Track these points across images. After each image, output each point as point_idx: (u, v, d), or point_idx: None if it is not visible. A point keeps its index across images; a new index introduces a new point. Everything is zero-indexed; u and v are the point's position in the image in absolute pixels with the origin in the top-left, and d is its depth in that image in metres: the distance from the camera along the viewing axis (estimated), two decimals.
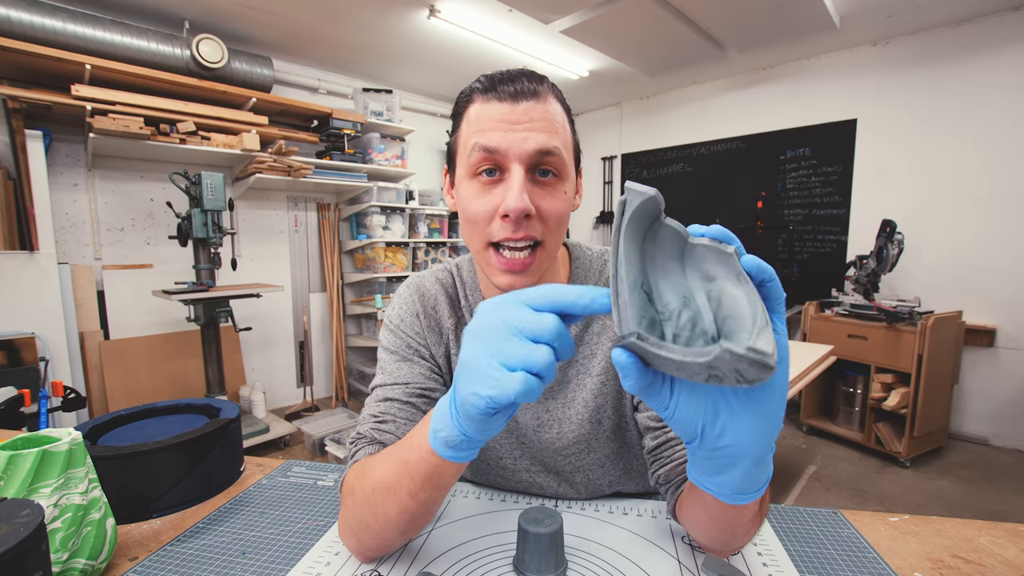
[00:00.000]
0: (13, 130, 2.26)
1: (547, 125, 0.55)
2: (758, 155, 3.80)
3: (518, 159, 0.54)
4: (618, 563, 0.56)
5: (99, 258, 2.77)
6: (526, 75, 0.56)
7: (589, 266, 0.71)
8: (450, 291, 0.71)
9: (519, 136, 0.54)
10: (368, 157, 3.54)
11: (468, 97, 0.59)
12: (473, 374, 0.38)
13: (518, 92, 0.55)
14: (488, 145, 0.54)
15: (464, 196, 0.58)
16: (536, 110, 0.55)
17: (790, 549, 0.59)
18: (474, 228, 0.57)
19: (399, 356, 0.67)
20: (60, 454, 0.51)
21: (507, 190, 0.54)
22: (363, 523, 0.53)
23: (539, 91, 0.56)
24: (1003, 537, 0.61)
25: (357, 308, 3.73)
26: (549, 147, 0.54)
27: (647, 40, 3.09)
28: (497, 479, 0.74)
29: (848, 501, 2.29)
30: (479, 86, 0.58)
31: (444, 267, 0.74)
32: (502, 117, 0.54)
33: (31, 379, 2.03)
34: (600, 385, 0.67)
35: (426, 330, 0.68)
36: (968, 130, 2.87)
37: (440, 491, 0.49)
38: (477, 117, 0.56)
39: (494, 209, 0.55)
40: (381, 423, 0.61)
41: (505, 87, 0.55)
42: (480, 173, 0.56)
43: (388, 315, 0.71)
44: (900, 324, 2.63)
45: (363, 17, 2.81)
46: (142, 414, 0.85)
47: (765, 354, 0.29)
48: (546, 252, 0.58)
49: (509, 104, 0.55)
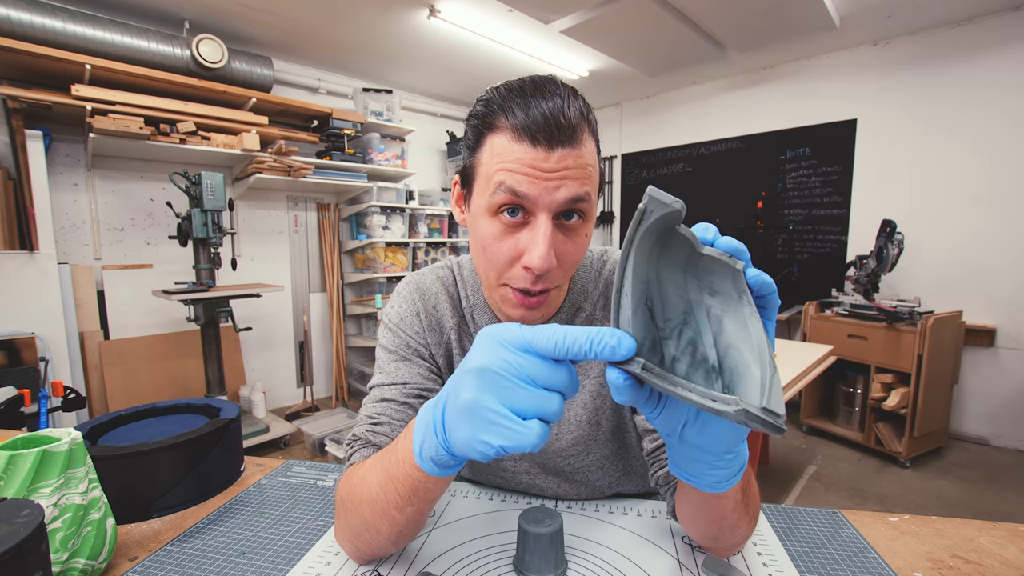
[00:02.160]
0: (13, 130, 2.25)
1: (581, 172, 0.51)
2: (758, 155, 3.80)
3: (547, 209, 0.50)
4: (618, 563, 0.56)
5: (99, 258, 2.77)
6: (564, 115, 0.49)
7: (589, 268, 0.70)
8: (451, 290, 0.70)
9: (551, 185, 0.49)
10: (368, 157, 3.54)
11: (492, 119, 0.52)
12: (480, 421, 0.35)
13: (553, 139, 0.49)
14: (517, 190, 0.50)
15: (484, 233, 0.54)
16: (571, 157, 0.50)
17: (790, 549, 0.59)
18: (491, 266, 0.55)
19: (397, 356, 0.66)
20: (60, 454, 0.51)
21: (532, 242, 0.51)
22: (356, 532, 0.53)
23: (576, 135, 0.50)
24: (1003, 537, 0.61)
25: (357, 308, 3.73)
26: (581, 194, 0.51)
27: (647, 40, 3.09)
28: (496, 479, 0.74)
29: (848, 501, 2.29)
30: (507, 114, 0.51)
31: (445, 265, 0.73)
32: (534, 163, 0.49)
33: (31, 379, 2.03)
34: (598, 387, 0.68)
35: (426, 329, 0.67)
36: (968, 130, 2.87)
37: (428, 503, 0.48)
38: (503, 153, 0.51)
39: (516, 256, 0.53)
40: (377, 424, 0.60)
41: (540, 130, 0.49)
42: (502, 212, 0.52)
43: (387, 314, 0.69)
44: (900, 324, 2.63)
45: (363, 17, 2.81)
46: (142, 414, 0.85)
47: (778, 417, 0.29)
48: (559, 292, 0.59)
49: (543, 151, 0.49)
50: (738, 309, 0.33)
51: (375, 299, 3.44)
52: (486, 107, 0.53)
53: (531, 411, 0.34)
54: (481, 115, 0.54)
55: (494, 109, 0.52)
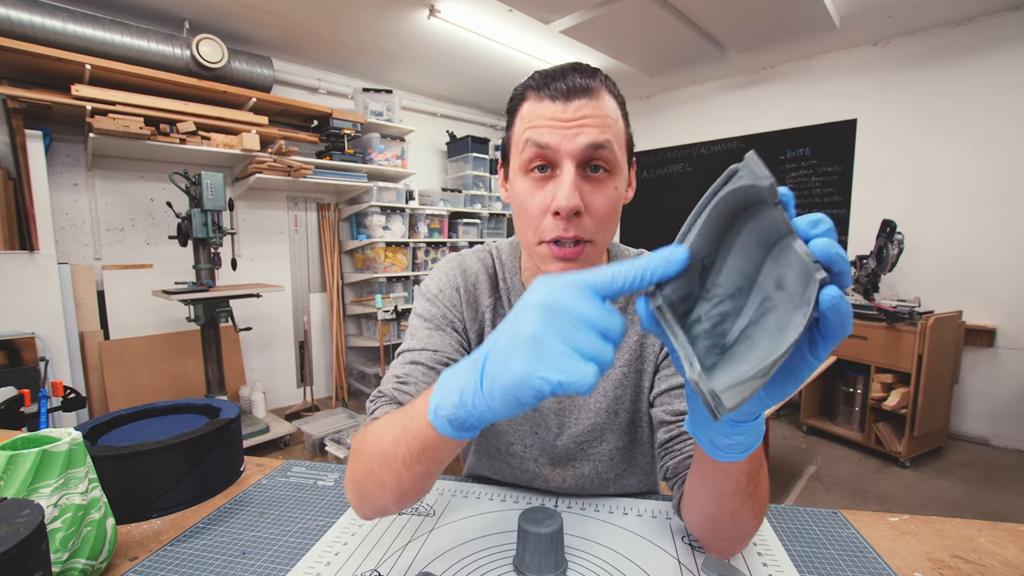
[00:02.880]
0: (13, 130, 2.25)
1: (599, 121, 0.55)
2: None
3: (569, 156, 0.55)
4: (618, 563, 0.56)
5: (99, 258, 2.77)
6: (579, 70, 0.57)
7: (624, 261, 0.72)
8: (491, 272, 0.73)
9: (571, 133, 0.54)
10: (368, 157, 3.54)
11: (521, 95, 0.60)
12: (542, 355, 0.33)
13: (570, 90, 0.55)
14: (540, 141, 0.55)
15: (518, 192, 0.59)
16: (588, 107, 0.55)
17: (790, 549, 0.59)
18: (528, 223, 0.59)
19: (433, 325, 0.68)
20: (60, 454, 0.51)
21: (558, 187, 0.55)
22: (362, 483, 0.53)
23: (591, 87, 0.56)
24: (1003, 537, 0.61)
25: (357, 308, 3.73)
26: (600, 141, 0.55)
27: (647, 40, 3.09)
28: (503, 466, 0.75)
29: (848, 501, 2.29)
30: (532, 83, 0.58)
31: (485, 248, 0.76)
32: (554, 115, 0.55)
33: (31, 379, 2.03)
34: (622, 376, 0.70)
35: (464, 304, 0.70)
36: (968, 130, 2.87)
37: (437, 464, 0.48)
38: (530, 114, 0.57)
39: (546, 205, 0.56)
40: (403, 383, 0.61)
41: (558, 84, 0.56)
42: (533, 169, 0.57)
43: (427, 285, 0.72)
44: (900, 324, 2.63)
45: (363, 17, 2.81)
46: (142, 414, 0.85)
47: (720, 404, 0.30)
48: (595, 248, 0.59)
49: (562, 103, 0.55)
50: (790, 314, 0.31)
51: (375, 299, 3.44)
52: (518, 88, 0.61)
53: (591, 352, 0.33)
54: (514, 96, 0.62)
55: (524, 87, 0.60)
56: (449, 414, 0.40)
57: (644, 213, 4.61)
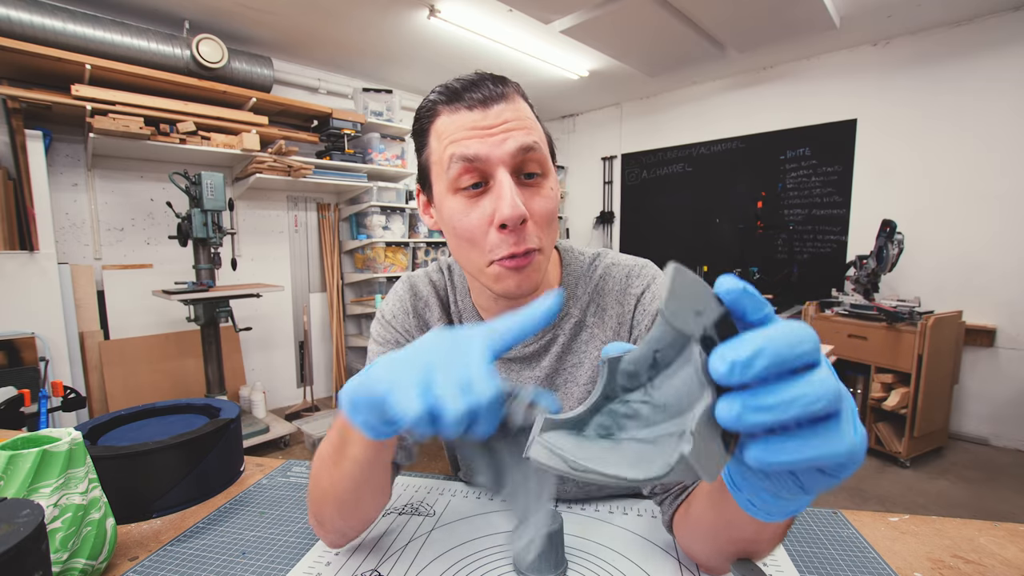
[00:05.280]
0: (13, 130, 2.25)
1: (522, 123, 0.53)
2: (758, 155, 3.81)
3: (502, 163, 0.52)
4: (618, 563, 0.56)
5: (99, 258, 2.77)
6: (488, 79, 0.54)
7: (579, 270, 0.69)
8: (442, 293, 0.71)
9: (497, 139, 0.51)
10: (368, 157, 3.54)
11: (431, 111, 0.56)
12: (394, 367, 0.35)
13: (487, 97, 0.52)
14: (467, 154, 0.51)
15: (450, 214, 0.55)
16: (508, 111, 0.53)
17: (790, 549, 0.59)
18: (471, 246, 0.54)
19: (386, 349, 0.68)
20: (60, 454, 0.51)
21: (498, 198, 0.51)
22: (311, 496, 0.55)
23: (506, 92, 0.54)
24: (1003, 537, 0.61)
25: (357, 308, 3.73)
26: (529, 143, 0.52)
27: (647, 40, 3.09)
28: None
29: (848, 501, 2.29)
30: (441, 98, 0.55)
31: (437, 267, 0.74)
32: (475, 124, 0.52)
33: (31, 379, 2.03)
34: (586, 394, 0.67)
35: (414, 328, 0.69)
36: (968, 130, 2.87)
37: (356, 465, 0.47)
38: (447, 129, 0.53)
39: (487, 220, 0.53)
40: None
41: (472, 94, 0.53)
42: (464, 187, 0.53)
43: (382, 308, 0.72)
44: (900, 324, 2.63)
45: (363, 17, 2.81)
46: (142, 414, 0.85)
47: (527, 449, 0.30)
48: (543, 255, 0.56)
49: (480, 111, 0.52)
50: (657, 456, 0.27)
51: (375, 299, 3.44)
52: (424, 106, 0.58)
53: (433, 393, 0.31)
54: (422, 115, 0.58)
55: (430, 103, 0.56)
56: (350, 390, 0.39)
57: (644, 213, 4.61)
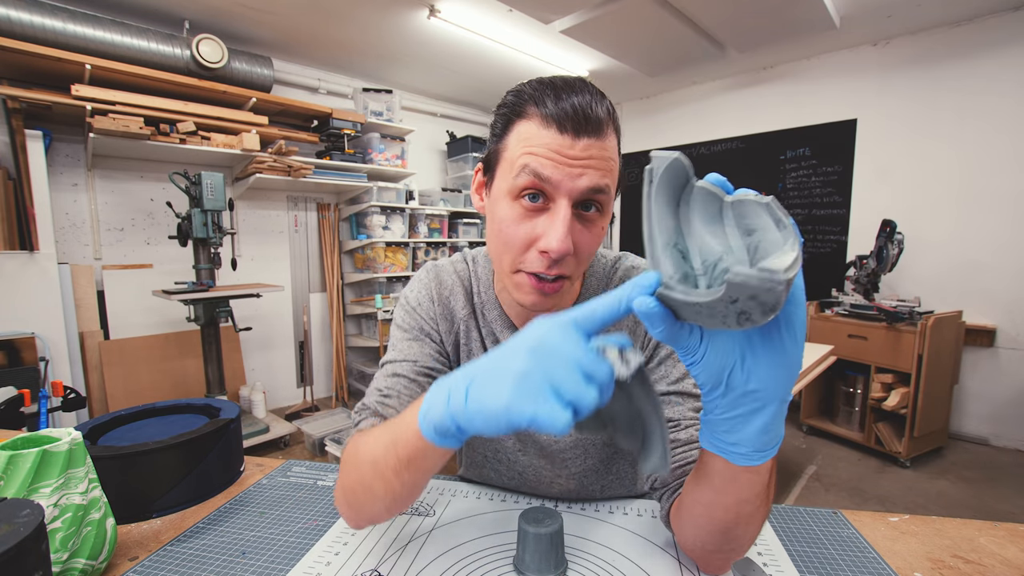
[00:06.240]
0: (13, 130, 2.25)
1: (603, 163, 0.52)
2: (758, 155, 3.80)
3: (568, 195, 0.52)
4: (618, 563, 0.56)
5: (99, 258, 2.77)
6: (590, 104, 0.51)
7: (601, 272, 0.70)
8: (466, 284, 0.72)
9: (574, 172, 0.51)
10: (368, 157, 3.54)
11: (522, 107, 0.54)
12: (524, 390, 0.36)
13: (579, 125, 0.51)
14: (541, 173, 0.51)
15: (502, 216, 0.55)
16: (595, 147, 0.52)
17: (790, 549, 0.59)
18: (506, 251, 0.56)
19: (411, 335, 0.68)
20: (60, 454, 0.51)
21: (550, 226, 0.52)
22: (354, 494, 0.54)
23: (601, 124, 0.52)
24: (1003, 537, 0.61)
25: (357, 308, 3.73)
26: (601, 185, 0.52)
27: (647, 40, 3.08)
28: (491, 474, 0.75)
29: (848, 501, 2.29)
30: (535, 99, 0.53)
31: (462, 258, 0.75)
32: (559, 149, 0.51)
33: (31, 379, 2.03)
34: None
35: (439, 316, 0.69)
36: (968, 130, 2.87)
37: (424, 473, 0.49)
38: (531, 138, 0.52)
39: (533, 240, 0.54)
40: (386, 397, 0.62)
41: (566, 111, 0.51)
42: (523, 196, 0.54)
43: (405, 294, 0.72)
44: (900, 324, 2.63)
45: (363, 17, 2.81)
46: (142, 414, 0.85)
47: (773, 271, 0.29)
48: (571, 283, 0.58)
49: (569, 138, 0.51)
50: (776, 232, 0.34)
51: (375, 299, 3.44)
52: (517, 96, 0.55)
53: (570, 395, 0.35)
54: (511, 104, 0.56)
55: (525, 99, 0.54)
56: (436, 420, 0.42)
57: None
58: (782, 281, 0.29)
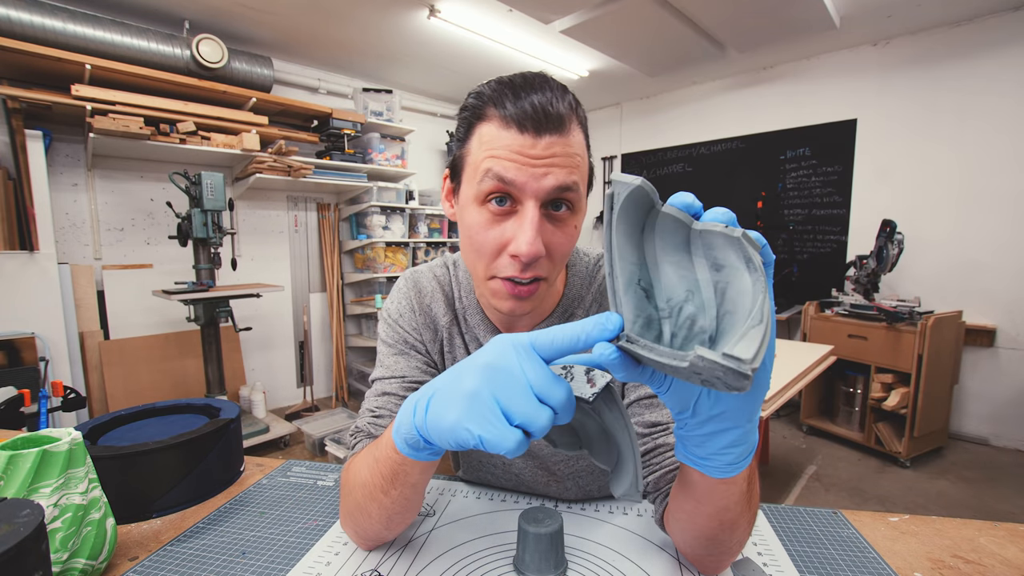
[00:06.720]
0: (13, 130, 2.25)
1: (568, 160, 0.51)
2: (758, 155, 3.80)
3: (534, 196, 0.50)
4: (618, 563, 0.56)
5: (99, 258, 2.77)
6: (550, 101, 0.50)
7: (584, 272, 0.70)
8: (446, 289, 0.70)
9: (538, 172, 0.49)
10: (368, 157, 3.54)
11: (482, 110, 0.53)
12: (471, 410, 0.36)
13: (540, 122, 0.49)
14: (504, 176, 0.50)
15: (471, 222, 0.54)
16: (559, 144, 0.50)
17: (790, 549, 0.59)
18: (479, 258, 0.55)
19: (396, 350, 0.67)
20: (60, 454, 0.51)
21: (519, 229, 0.51)
22: (353, 518, 0.56)
23: (563, 119, 0.50)
24: (1003, 537, 0.61)
25: (357, 308, 3.73)
26: (568, 183, 0.51)
27: (647, 40, 3.08)
28: (487, 476, 0.75)
29: (848, 501, 2.29)
30: (494, 99, 0.52)
31: (442, 263, 0.73)
32: (521, 149, 0.49)
33: (31, 379, 2.03)
34: None
35: (421, 326, 0.68)
36: (968, 130, 2.87)
37: (411, 488, 0.50)
38: (492, 140, 0.51)
39: (503, 244, 0.53)
40: (377, 418, 0.62)
41: (526, 110, 0.49)
42: (489, 200, 0.52)
43: (386, 308, 0.70)
44: (900, 324, 2.63)
45: (363, 17, 2.81)
46: (142, 414, 0.85)
47: (740, 361, 0.27)
48: (547, 284, 0.56)
49: (530, 137, 0.49)
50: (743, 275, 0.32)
51: (375, 299, 3.44)
52: (477, 99, 0.54)
53: (519, 417, 0.35)
54: (472, 107, 0.55)
55: (484, 100, 0.53)
56: (406, 434, 0.43)
57: None
58: (747, 373, 0.27)
